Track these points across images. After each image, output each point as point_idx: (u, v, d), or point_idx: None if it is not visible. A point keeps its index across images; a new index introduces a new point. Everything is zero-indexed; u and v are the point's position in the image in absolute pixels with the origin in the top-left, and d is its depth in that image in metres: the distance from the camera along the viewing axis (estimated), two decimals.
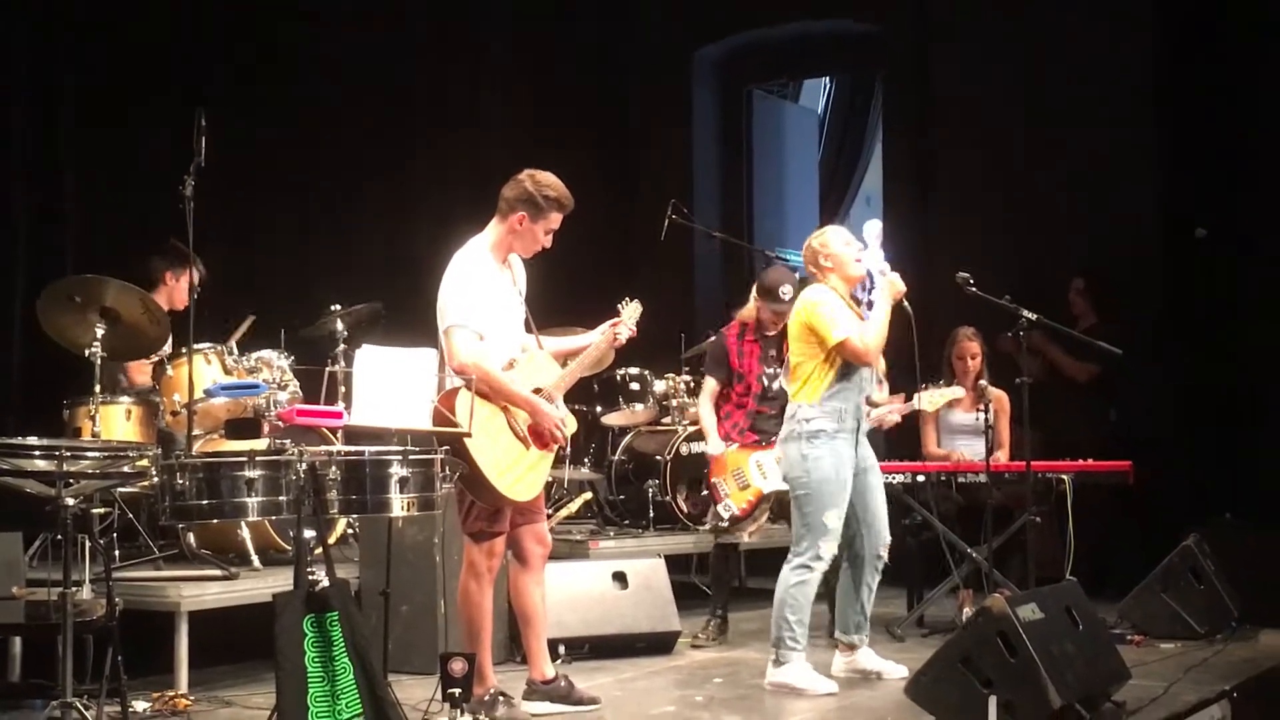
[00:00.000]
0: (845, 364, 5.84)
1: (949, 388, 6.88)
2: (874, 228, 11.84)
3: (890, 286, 5.95)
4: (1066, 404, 8.42)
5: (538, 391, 5.34)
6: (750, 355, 7.00)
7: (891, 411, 6.67)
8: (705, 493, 7.10)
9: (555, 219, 5.39)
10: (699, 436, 8.05)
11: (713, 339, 7.37)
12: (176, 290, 7.00)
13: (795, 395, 5.93)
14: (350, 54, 9.40)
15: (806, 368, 5.87)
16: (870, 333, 5.86)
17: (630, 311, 5.70)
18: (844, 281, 5.97)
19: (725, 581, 7.17)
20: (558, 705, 5.42)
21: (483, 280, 5.29)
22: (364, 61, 9.45)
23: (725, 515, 6.89)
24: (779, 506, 6.97)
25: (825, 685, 5.77)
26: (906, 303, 5.97)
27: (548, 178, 5.37)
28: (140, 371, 6.85)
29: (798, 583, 5.81)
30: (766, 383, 6.99)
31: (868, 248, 6.61)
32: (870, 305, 6.06)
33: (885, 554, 6.06)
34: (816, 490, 5.80)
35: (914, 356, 6.16)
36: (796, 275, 7.01)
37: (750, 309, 7.10)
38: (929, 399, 6.67)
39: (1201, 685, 5.69)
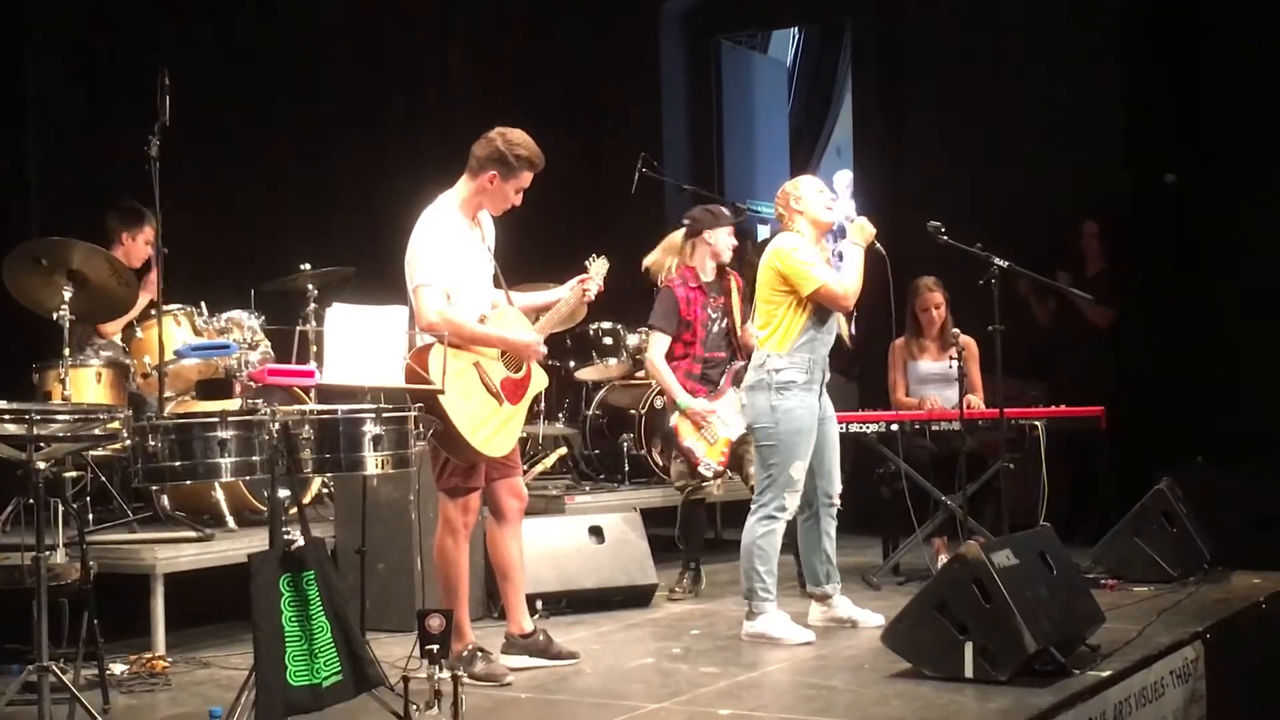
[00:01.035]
0: (818, 311, 5.82)
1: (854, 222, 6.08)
2: (844, 178, 11.85)
3: (861, 230, 5.92)
4: (1077, 353, 8.45)
5: None
6: (695, 303, 6.92)
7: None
8: (676, 458, 7.02)
9: (526, 178, 5.35)
10: None
11: (660, 293, 7.25)
12: (134, 248, 6.95)
13: (763, 343, 5.88)
14: (317, 9, 9.31)
15: (777, 315, 5.84)
16: (847, 277, 5.83)
17: (598, 268, 5.64)
18: (813, 226, 5.93)
19: (698, 535, 7.18)
20: (536, 659, 5.43)
21: (451, 238, 5.25)
22: (331, 19, 9.36)
23: (709, 474, 6.85)
24: (735, 458, 6.94)
25: (802, 634, 5.79)
26: (879, 245, 5.95)
27: (519, 136, 5.32)
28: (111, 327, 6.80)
29: (765, 533, 5.81)
30: (712, 328, 6.94)
31: (838, 198, 6.53)
32: (840, 255, 6.02)
33: (837, 500, 6.07)
34: (786, 442, 5.79)
35: (889, 297, 6.15)
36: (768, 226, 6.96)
37: (672, 261, 7.02)
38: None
39: (1175, 627, 5.73)
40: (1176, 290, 8.87)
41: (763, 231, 11.02)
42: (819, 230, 5.98)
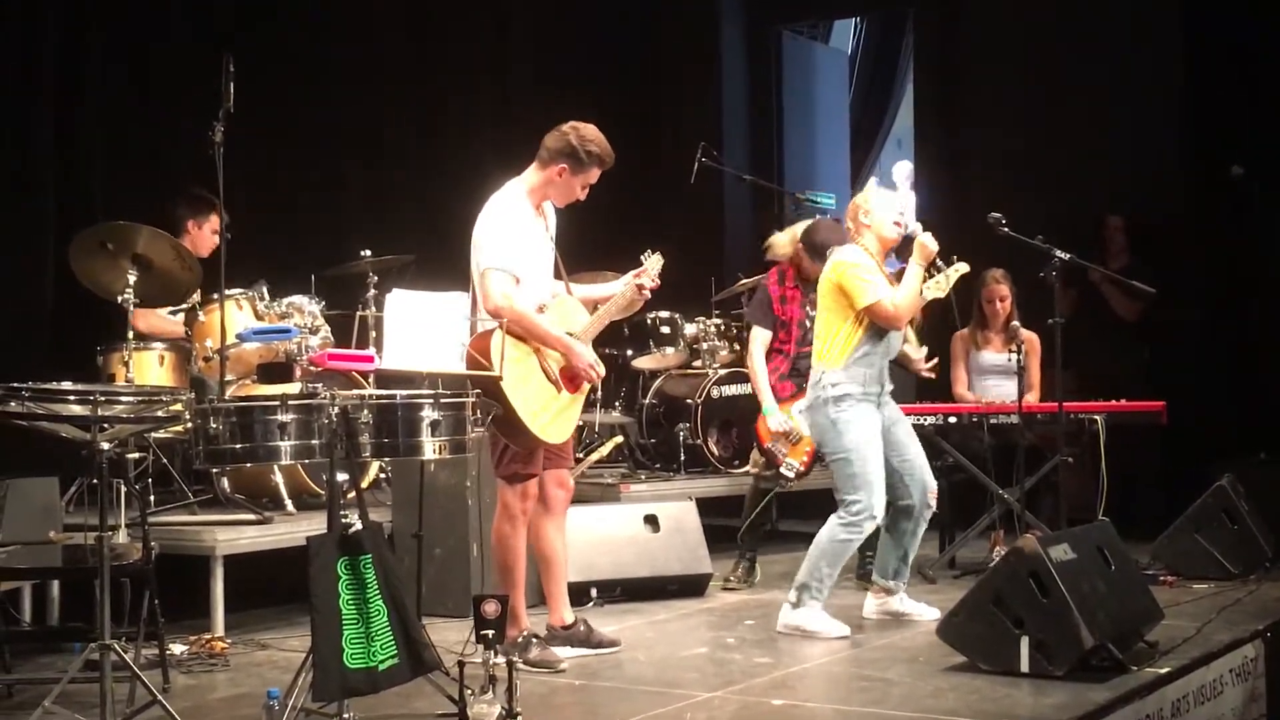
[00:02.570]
0: (874, 328, 5.80)
1: (951, 268, 6.18)
2: (903, 169, 11.79)
3: (922, 250, 5.85)
4: (1101, 343, 8.38)
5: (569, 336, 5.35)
6: (792, 301, 6.87)
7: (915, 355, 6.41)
8: (754, 452, 6.97)
9: (594, 174, 5.37)
10: (730, 380, 8.06)
11: (754, 289, 7.22)
12: (200, 237, 7.01)
13: (820, 357, 5.87)
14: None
15: (834, 329, 5.82)
16: (901, 296, 5.79)
17: (653, 263, 5.61)
18: (878, 241, 5.90)
19: (759, 524, 7.16)
20: (578, 649, 5.44)
21: (519, 225, 5.28)
22: (393, 7, 9.40)
23: (791, 475, 6.80)
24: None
25: (839, 629, 5.76)
26: (940, 262, 5.91)
27: (592, 132, 5.33)
28: (142, 318, 6.83)
29: (846, 539, 5.79)
30: (810, 325, 6.87)
31: (897, 189, 6.46)
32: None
33: (934, 502, 6.05)
34: (858, 451, 5.76)
35: (952, 312, 6.12)
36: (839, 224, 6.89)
37: (788, 252, 6.99)
38: (935, 285, 6.11)
39: (1235, 625, 5.68)
40: (1233, 285, 8.76)
41: None
42: (884, 246, 5.95)
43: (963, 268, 6.17)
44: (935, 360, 6.53)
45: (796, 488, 7.24)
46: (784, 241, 7.06)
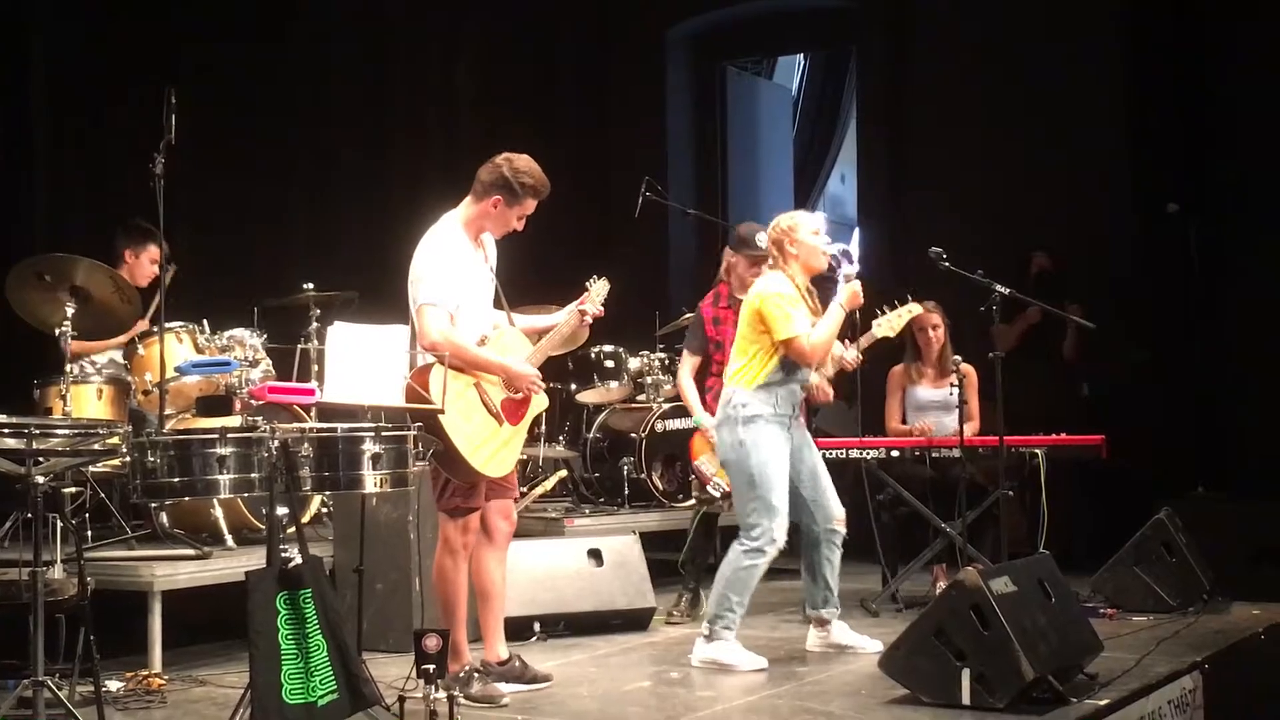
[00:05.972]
0: (788, 359, 5.81)
1: (904, 307, 6.39)
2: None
3: (851, 296, 5.83)
4: (1037, 378, 8.43)
5: None
6: (725, 322, 6.84)
7: (847, 351, 6.31)
8: (691, 477, 6.97)
9: (530, 205, 5.36)
10: (674, 414, 8.05)
11: (690, 315, 7.27)
12: (138, 267, 6.96)
13: (732, 377, 5.88)
14: (325, 33, 9.35)
15: (749, 352, 5.82)
16: (818, 336, 5.77)
17: (598, 289, 5.65)
18: (804, 271, 5.90)
19: (702, 559, 7.15)
20: (514, 685, 5.37)
21: (454, 258, 5.27)
22: (339, 42, 9.41)
23: (717, 494, 6.81)
24: None
25: (755, 661, 5.74)
26: (856, 314, 5.94)
27: (526, 163, 5.33)
28: (86, 347, 6.76)
29: (749, 565, 5.77)
30: None
31: (833, 242, 6.29)
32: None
33: (840, 527, 6.05)
34: (760, 473, 5.75)
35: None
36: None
37: (723, 272, 7.04)
38: (887, 324, 6.30)
39: (1173, 657, 5.72)
40: (1178, 318, 8.87)
41: None
42: (809, 274, 5.94)
43: (915, 308, 6.24)
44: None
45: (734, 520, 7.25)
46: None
